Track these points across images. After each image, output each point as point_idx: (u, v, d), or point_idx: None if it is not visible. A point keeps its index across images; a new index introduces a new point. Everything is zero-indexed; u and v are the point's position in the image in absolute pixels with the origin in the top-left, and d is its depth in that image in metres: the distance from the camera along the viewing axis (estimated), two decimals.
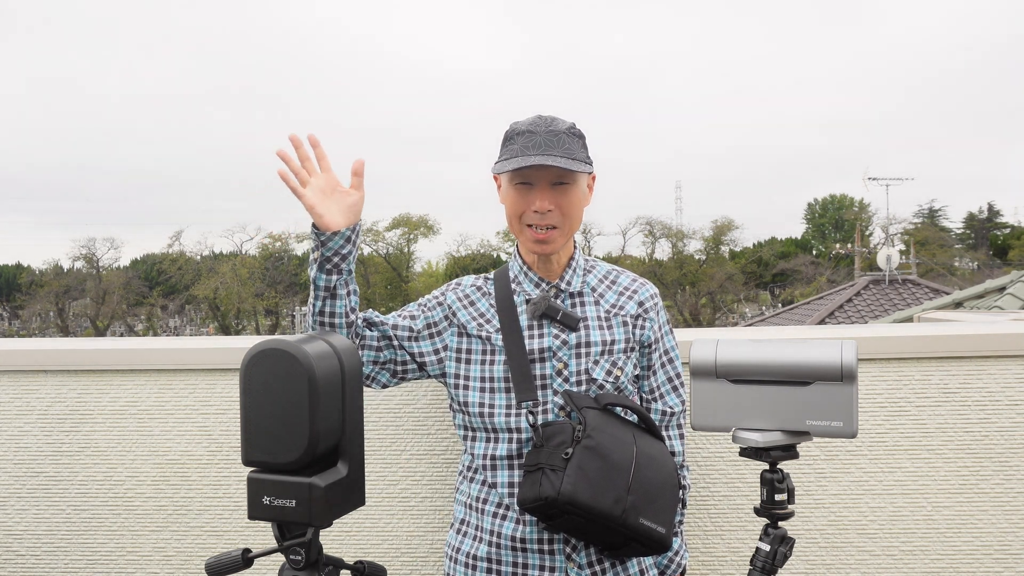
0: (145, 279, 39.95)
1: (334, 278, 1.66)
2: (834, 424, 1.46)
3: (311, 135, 1.66)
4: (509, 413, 1.69)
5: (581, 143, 1.72)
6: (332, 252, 1.64)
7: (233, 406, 2.22)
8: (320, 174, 1.66)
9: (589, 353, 1.71)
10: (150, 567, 2.24)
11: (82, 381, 2.25)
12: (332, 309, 1.67)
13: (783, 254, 43.07)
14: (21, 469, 2.26)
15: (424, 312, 1.79)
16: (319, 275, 1.65)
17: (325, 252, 1.64)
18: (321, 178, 1.66)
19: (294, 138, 1.65)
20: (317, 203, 1.63)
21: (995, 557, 2.15)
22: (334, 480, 1.34)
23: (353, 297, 1.70)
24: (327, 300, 1.67)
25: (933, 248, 35.91)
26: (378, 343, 1.74)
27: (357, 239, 1.68)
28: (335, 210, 1.64)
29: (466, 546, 1.74)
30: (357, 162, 1.68)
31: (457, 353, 1.75)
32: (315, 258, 1.66)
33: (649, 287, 1.84)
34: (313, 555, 1.35)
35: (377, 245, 37.02)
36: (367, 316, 1.76)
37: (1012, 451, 2.14)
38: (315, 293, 1.67)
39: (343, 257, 1.65)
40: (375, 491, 2.20)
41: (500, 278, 1.81)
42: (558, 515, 1.55)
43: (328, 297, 1.66)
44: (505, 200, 1.75)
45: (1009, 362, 2.15)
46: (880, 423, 2.16)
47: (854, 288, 16.90)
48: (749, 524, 2.18)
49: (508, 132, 1.73)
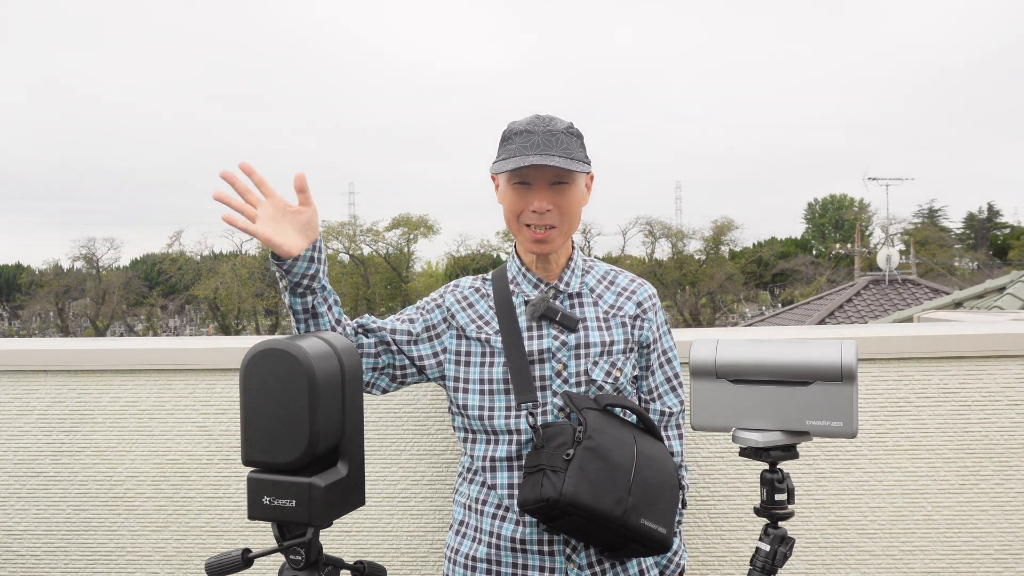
0: (145, 279, 39.94)
1: (309, 299, 1.63)
2: (834, 424, 1.46)
3: (243, 164, 1.59)
4: (509, 415, 1.69)
5: (579, 143, 1.72)
6: (299, 276, 1.60)
7: (233, 406, 2.22)
8: (265, 201, 1.60)
9: (588, 354, 1.71)
10: (150, 567, 2.24)
11: (82, 381, 2.25)
12: (317, 329, 1.64)
13: (783, 254, 43.08)
14: (21, 469, 2.26)
15: (422, 315, 1.78)
16: (294, 300, 1.62)
17: (292, 279, 1.60)
18: (267, 205, 1.59)
19: (226, 175, 1.57)
20: (272, 233, 1.56)
21: (995, 557, 2.15)
22: (334, 480, 1.34)
23: (335, 309, 1.68)
24: (309, 322, 1.64)
25: (933, 248, 35.90)
26: (376, 348, 1.73)
27: (321, 254, 1.64)
28: (291, 233, 1.59)
29: (465, 547, 1.73)
30: (298, 177, 1.60)
31: (456, 356, 1.75)
32: (284, 286, 1.63)
33: (647, 287, 1.84)
34: (313, 555, 1.35)
35: (377, 245, 37.01)
36: (363, 323, 1.75)
37: (1012, 451, 2.14)
38: (295, 318, 1.65)
39: (312, 277, 1.62)
40: (375, 491, 2.20)
41: (498, 279, 1.81)
42: (559, 516, 1.54)
43: (310, 319, 1.64)
44: (503, 200, 1.75)
45: (1009, 362, 2.15)
46: (880, 423, 2.16)
47: (854, 288, 16.89)
48: (749, 524, 2.18)
49: (506, 132, 1.72)
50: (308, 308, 1.63)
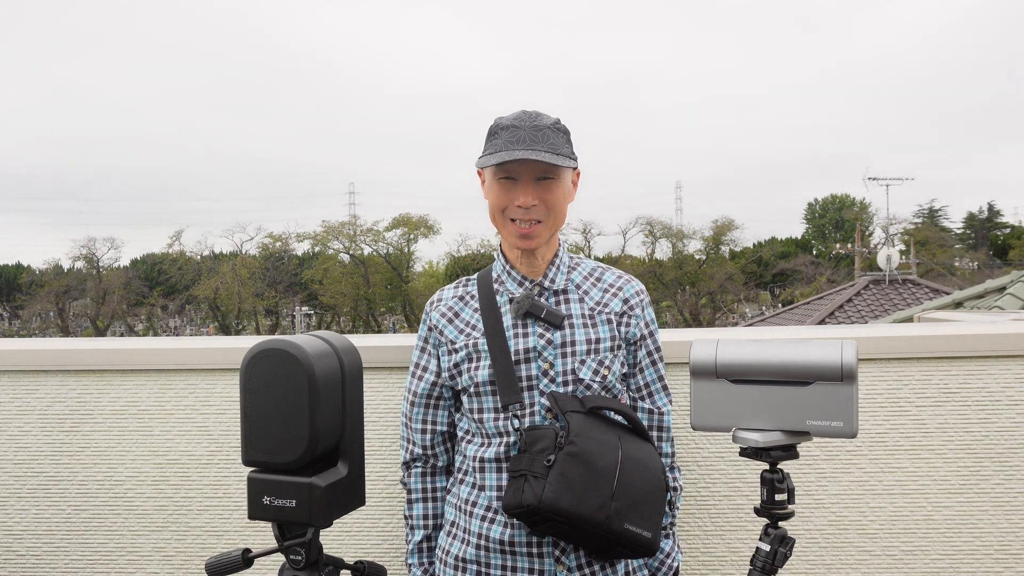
0: (145, 279, 39.92)
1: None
2: (834, 424, 1.46)
3: None
4: (497, 417, 1.69)
5: (566, 138, 1.71)
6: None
7: (233, 406, 2.22)
8: None
9: (575, 352, 1.70)
10: (150, 567, 2.24)
11: (82, 381, 2.25)
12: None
13: (783, 254, 43.05)
14: (21, 469, 2.26)
15: (427, 353, 1.82)
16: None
17: None
18: None
19: None
20: None
21: (995, 557, 2.15)
22: (334, 480, 1.34)
23: (441, 503, 1.83)
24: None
25: (933, 248, 35.91)
26: (454, 423, 1.83)
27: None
28: None
29: (455, 548, 1.73)
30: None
31: (454, 367, 1.76)
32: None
33: (635, 284, 1.82)
34: (313, 555, 1.35)
35: (377, 245, 36.99)
36: (442, 430, 1.82)
37: (1012, 451, 2.14)
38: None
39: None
40: (375, 491, 2.20)
41: (483, 279, 1.81)
42: (542, 521, 1.54)
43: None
44: (489, 195, 1.74)
45: (1009, 362, 2.14)
46: (880, 423, 2.15)
47: (854, 288, 16.88)
48: (749, 524, 2.18)
49: (492, 127, 1.71)
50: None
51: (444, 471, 1.83)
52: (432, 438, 1.81)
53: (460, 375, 1.74)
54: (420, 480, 1.82)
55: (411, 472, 1.83)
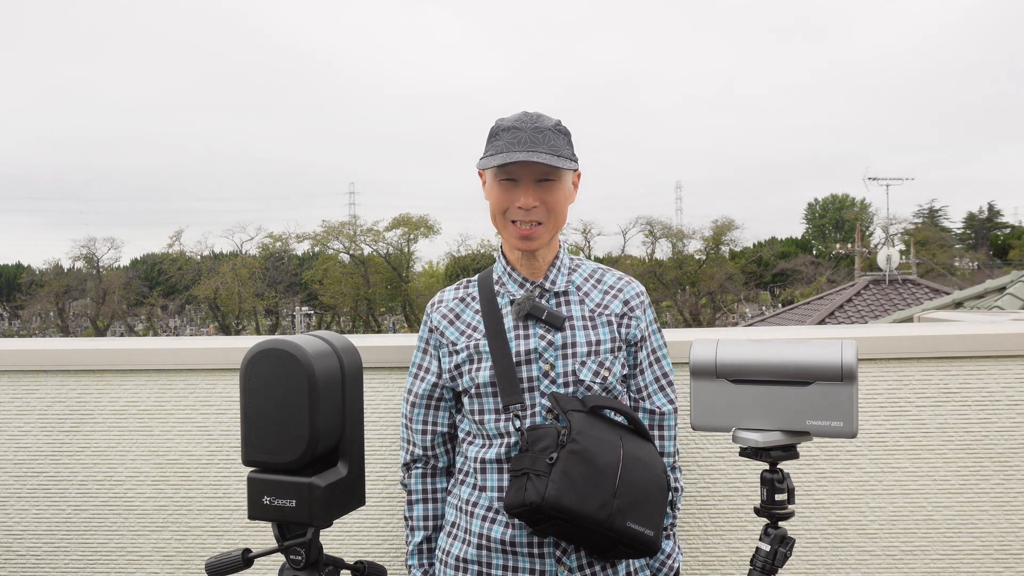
0: (145, 279, 39.93)
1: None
2: (834, 424, 1.46)
3: None
4: (498, 418, 1.69)
5: (566, 140, 1.71)
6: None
7: (233, 406, 2.22)
8: None
9: (575, 354, 1.70)
10: (150, 567, 2.24)
11: (82, 381, 2.25)
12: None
13: (783, 254, 43.06)
14: (21, 469, 2.26)
15: (427, 355, 1.82)
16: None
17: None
18: None
19: None
20: None
21: (995, 557, 2.15)
22: (334, 480, 1.34)
23: (441, 503, 1.83)
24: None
25: (933, 248, 35.90)
26: (455, 424, 1.83)
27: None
28: None
29: (456, 549, 1.73)
30: None
31: (455, 369, 1.76)
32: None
33: (635, 285, 1.82)
34: (313, 555, 1.35)
35: (377, 245, 36.99)
36: (443, 431, 1.83)
37: (1012, 451, 2.14)
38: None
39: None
40: (375, 491, 2.20)
41: (483, 281, 1.81)
42: (544, 520, 1.54)
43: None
44: (490, 196, 1.74)
45: (1009, 362, 2.14)
46: (880, 423, 2.15)
47: (854, 288, 16.88)
48: (749, 524, 2.18)
49: (493, 128, 1.71)
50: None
51: (444, 472, 1.83)
52: (432, 439, 1.81)
53: (461, 376, 1.74)
54: (420, 481, 1.82)
55: (411, 473, 1.83)
